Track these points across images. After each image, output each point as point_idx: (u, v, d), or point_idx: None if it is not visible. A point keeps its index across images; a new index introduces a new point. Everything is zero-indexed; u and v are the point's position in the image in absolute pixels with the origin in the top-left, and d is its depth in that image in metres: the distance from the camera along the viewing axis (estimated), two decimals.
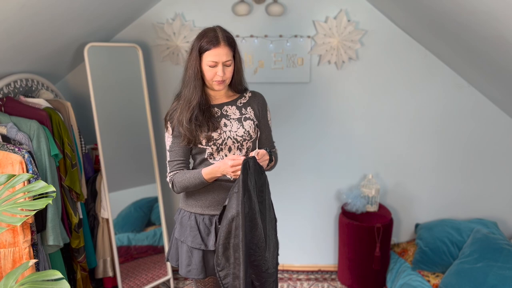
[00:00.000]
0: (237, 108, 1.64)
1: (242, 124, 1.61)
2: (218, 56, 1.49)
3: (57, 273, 1.12)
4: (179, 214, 1.70)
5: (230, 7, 2.60)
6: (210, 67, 1.51)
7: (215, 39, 1.49)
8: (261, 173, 1.56)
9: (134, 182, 2.67)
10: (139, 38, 2.66)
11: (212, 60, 1.49)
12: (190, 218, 1.64)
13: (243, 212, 1.40)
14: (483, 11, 1.66)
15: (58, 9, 1.84)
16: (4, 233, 1.69)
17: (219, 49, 1.49)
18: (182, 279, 2.91)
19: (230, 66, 1.54)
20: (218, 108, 1.62)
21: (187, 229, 1.63)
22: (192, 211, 1.65)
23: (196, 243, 1.60)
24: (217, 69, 1.51)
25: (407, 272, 2.53)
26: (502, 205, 2.85)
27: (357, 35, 2.57)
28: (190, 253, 1.62)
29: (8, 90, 2.06)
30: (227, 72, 1.54)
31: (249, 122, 1.63)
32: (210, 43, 1.49)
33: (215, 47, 1.49)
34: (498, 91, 2.50)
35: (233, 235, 1.43)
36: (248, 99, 1.68)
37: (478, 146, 2.77)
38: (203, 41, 1.50)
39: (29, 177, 1.26)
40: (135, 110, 2.60)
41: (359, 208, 2.66)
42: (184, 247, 1.64)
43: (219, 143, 1.58)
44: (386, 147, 2.81)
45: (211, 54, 1.49)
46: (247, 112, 1.65)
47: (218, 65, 1.51)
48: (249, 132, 1.61)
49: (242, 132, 1.60)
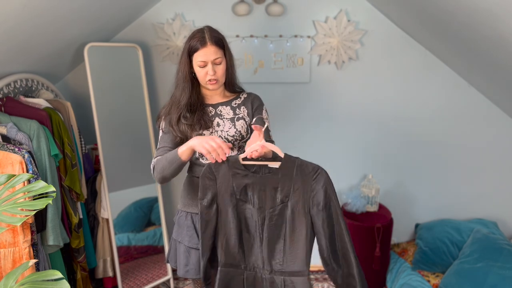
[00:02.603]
0: (231, 108, 1.65)
1: (234, 124, 1.62)
2: (206, 55, 1.51)
3: (57, 273, 1.12)
4: (177, 214, 1.72)
5: (230, 7, 2.60)
6: (200, 68, 1.54)
7: (202, 39, 1.52)
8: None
9: (134, 182, 2.67)
10: (139, 38, 2.65)
11: (201, 60, 1.52)
12: (187, 218, 1.65)
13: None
14: (483, 10, 1.66)
15: (58, 10, 1.84)
16: (4, 233, 1.69)
17: (206, 49, 1.51)
18: (182, 279, 2.91)
19: (220, 65, 1.55)
20: (212, 107, 1.64)
21: (184, 229, 1.65)
22: (188, 211, 1.66)
23: (193, 243, 1.62)
24: (208, 68, 1.53)
25: (407, 272, 2.53)
26: (502, 205, 2.85)
27: (357, 35, 2.57)
28: (188, 253, 1.63)
29: (8, 90, 2.06)
30: (218, 71, 1.55)
31: (241, 122, 1.64)
32: (197, 44, 1.51)
33: (202, 47, 1.51)
34: (498, 91, 2.50)
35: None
36: (243, 100, 1.69)
37: (478, 146, 2.77)
38: (191, 42, 1.53)
39: (29, 177, 1.26)
40: (135, 110, 2.60)
41: (359, 208, 2.66)
42: (182, 247, 1.65)
43: None
44: (386, 147, 2.81)
45: (199, 54, 1.52)
46: (241, 111, 1.65)
47: (208, 64, 1.53)
48: (240, 132, 1.62)
49: (234, 132, 1.61)
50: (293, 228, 1.38)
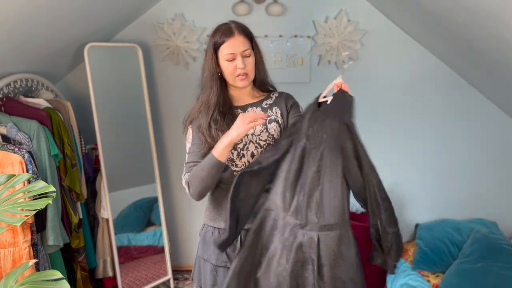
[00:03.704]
0: (262, 109, 1.50)
1: (266, 127, 1.47)
2: (234, 46, 1.39)
3: (57, 273, 1.12)
4: (203, 229, 1.56)
5: (230, 7, 2.60)
6: (228, 62, 1.40)
7: (228, 30, 1.40)
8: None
9: (134, 182, 2.67)
10: (139, 38, 2.65)
11: (229, 53, 1.39)
12: (214, 234, 1.50)
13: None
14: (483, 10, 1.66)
15: (58, 10, 1.84)
16: (4, 233, 1.69)
17: (234, 39, 1.39)
18: (182, 279, 2.91)
19: (250, 57, 1.43)
20: (241, 110, 1.49)
21: (211, 246, 1.49)
22: (215, 226, 1.50)
23: (222, 260, 1.47)
24: (237, 61, 1.40)
25: (407, 272, 2.52)
26: (502, 205, 2.85)
27: (357, 35, 2.57)
28: (215, 272, 1.48)
29: (8, 90, 2.06)
30: (247, 64, 1.42)
31: (274, 124, 1.48)
32: (223, 35, 1.40)
33: (229, 38, 1.39)
34: (498, 91, 2.50)
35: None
36: (275, 99, 1.53)
37: (478, 146, 2.77)
38: (216, 35, 1.41)
39: (29, 177, 1.27)
40: (135, 110, 2.60)
41: (359, 208, 2.66)
42: (208, 266, 1.50)
43: (240, 148, 1.45)
44: (385, 147, 2.81)
45: (226, 46, 1.39)
46: (273, 113, 1.50)
47: (237, 57, 1.40)
48: (273, 136, 1.47)
49: (266, 136, 1.46)
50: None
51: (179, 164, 2.83)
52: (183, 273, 2.97)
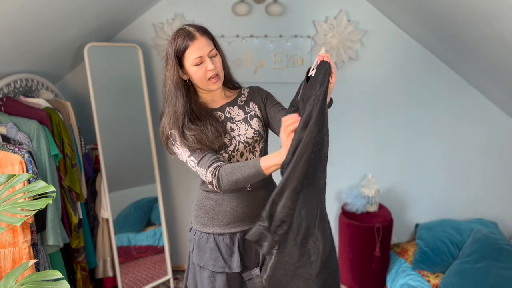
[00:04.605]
0: (239, 107, 1.49)
1: (249, 124, 1.46)
2: (200, 49, 1.34)
3: (57, 273, 1.12)
4: (195, 236, 1.53)
5: (230, 7, 2.60)
6: (197, 66, 1.35)
7: (189, 34, 1.34)
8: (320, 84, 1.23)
9: (134, 182, 2.67)
10: (139, 38, 2.65)
11: (196, 57, 1.34)
12: (209, 240, 1.48)
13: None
14: (483, 11, 1.66)
15: (58, 10, 1.84)
16: (4, 233, 1.69)
17: (197, 42, 1.34)
18: (182, 279, 2.90)
19: (216, 57, 1.39)
20: (220, 111, 1.47)
21: (207, 252, 1.48)
22: (210, 232, 1.49)
23: (219, 266, 1.45)
24: (206, 63, 1.35)
25: (407, 272, 2.53)
26: (502, 205, 2.85)
27: (357, 35, 2.58)
28: (213, 278, 1.47)
29: (8, 90, 2.06)
30: (216, 64, 1.38)
31: (256, 119, 1.48)
32: (185, 40, 1.33)
33: (192, 41, 1.33)
34: (498, 91, 2.50)
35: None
36: (248, 95, 1.53)
37: (478, 146, 2.77)
38: (176, 42, 1.35)
39: (29, 177, 1.26)
40: (135, 110, 2.60)
41: (359, 208, 2.66)
42: (205, 273, 1.48)
43: (231, 150, 1.43)
44: (386, 147, 2.81)
45: (192, 50, 1.34)
46: (251, 108, 1.50)
47: (205, 59, 1.35)
48: (259, 131, 1.47)
49: (252, 133, 1.46)
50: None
51: (179, 164, 2.83)
52: (183, 273, 2.97)
